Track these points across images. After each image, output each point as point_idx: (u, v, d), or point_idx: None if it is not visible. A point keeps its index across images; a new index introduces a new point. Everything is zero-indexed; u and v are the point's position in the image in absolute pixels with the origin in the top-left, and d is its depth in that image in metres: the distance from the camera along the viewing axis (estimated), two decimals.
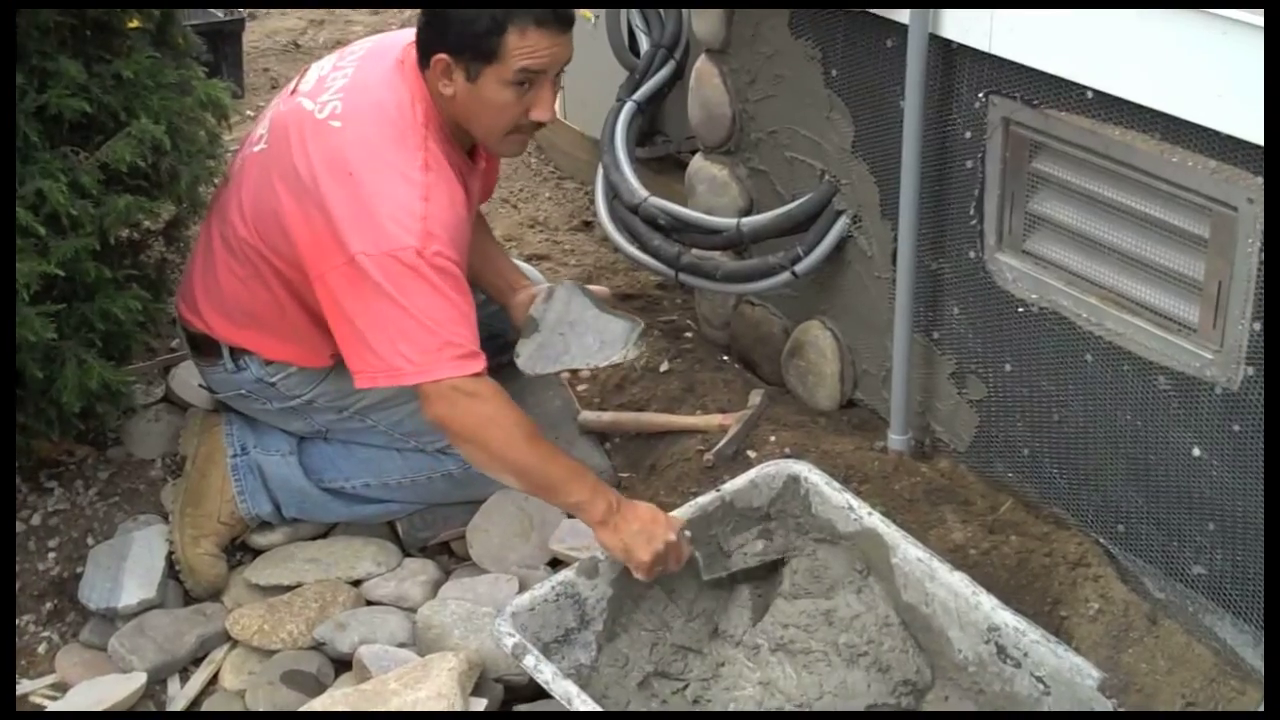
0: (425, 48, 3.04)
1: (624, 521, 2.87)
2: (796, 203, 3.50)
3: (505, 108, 3.04)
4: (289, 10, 6.95)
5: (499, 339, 3.73)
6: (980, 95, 2.96)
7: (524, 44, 2.96)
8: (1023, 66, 2.82)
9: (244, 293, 3.22)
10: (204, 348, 3.35)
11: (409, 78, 3.09)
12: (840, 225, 3.42)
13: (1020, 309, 3.03)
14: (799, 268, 3.46)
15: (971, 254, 3.11)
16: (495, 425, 2.93)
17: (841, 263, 3.48)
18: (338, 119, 3.06)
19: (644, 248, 3.69)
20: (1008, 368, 3.11)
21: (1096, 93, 2.71)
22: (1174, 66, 2.52)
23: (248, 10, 5.54)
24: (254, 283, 3.19)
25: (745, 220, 3.58)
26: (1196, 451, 2.73)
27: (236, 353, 3.29)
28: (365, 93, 3.11)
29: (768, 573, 3.02)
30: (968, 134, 3.02)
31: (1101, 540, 3.00)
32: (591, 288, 3.42)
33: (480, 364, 2.93)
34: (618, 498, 2.94)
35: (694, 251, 3.66)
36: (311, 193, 2.99)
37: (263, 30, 6.51)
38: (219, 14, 4.84)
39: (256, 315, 3.22)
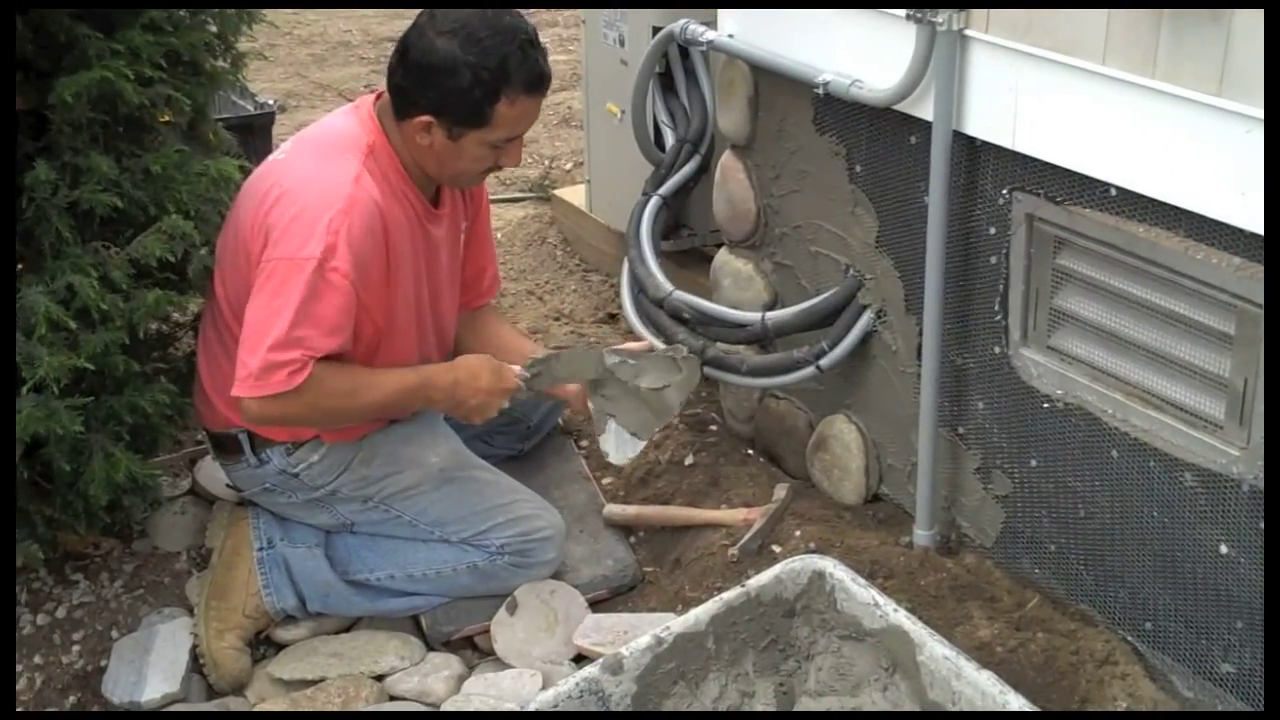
0: (405, 103, 3.14)
1: (464, 398, 3.25)
2: (821, 297, 3.52)
3: (480, 160, 3.21)
4: (319, 104, 7.03)
5: (521, 424, 3.76)
6: (1004, 191, 2.98)
7: (513, 111, 3.11)
8: (1046, 163, 2.84)
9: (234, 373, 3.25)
10: (226, 446, 3.36)
11: (363, 117, 3.22)
12: (865, 320, 3.43)
13: (1045, 404, 3.03)
14: (824, 362, 3.47)
15: (996, 349, 3.11)
16: (313, 410, 3.10)
17: (866, 357, 3.48)
18: (285, 154, 3.24)
19: (669, 341, 3.70)
20: (1033, 463, 3.11)
21: (1120, 190, 2.72)
22: (1197, 164, 2.53)
23: (278, 103, 5.60)
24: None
25: (770, 314, 3.60)
26: (1224, 549, 2.72)
27: (258, 446, 3.30)
28: (314, 129, 3.30)
29: (788, 665, 3.00)
30: (992, 230, 3.04)
31: (1129, 638, 2.98)
32: (624, 346, 3.49)
33: (305, 373, 3.00)
34: (450, 381, 3.25)
35: (719, 345, 3.68)
36: (254, 217, 3.11)
37: (292, 123, 6.58)
38: (249, 108, 4.89)
39: None
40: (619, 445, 3.45)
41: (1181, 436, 2.75)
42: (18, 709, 3.15)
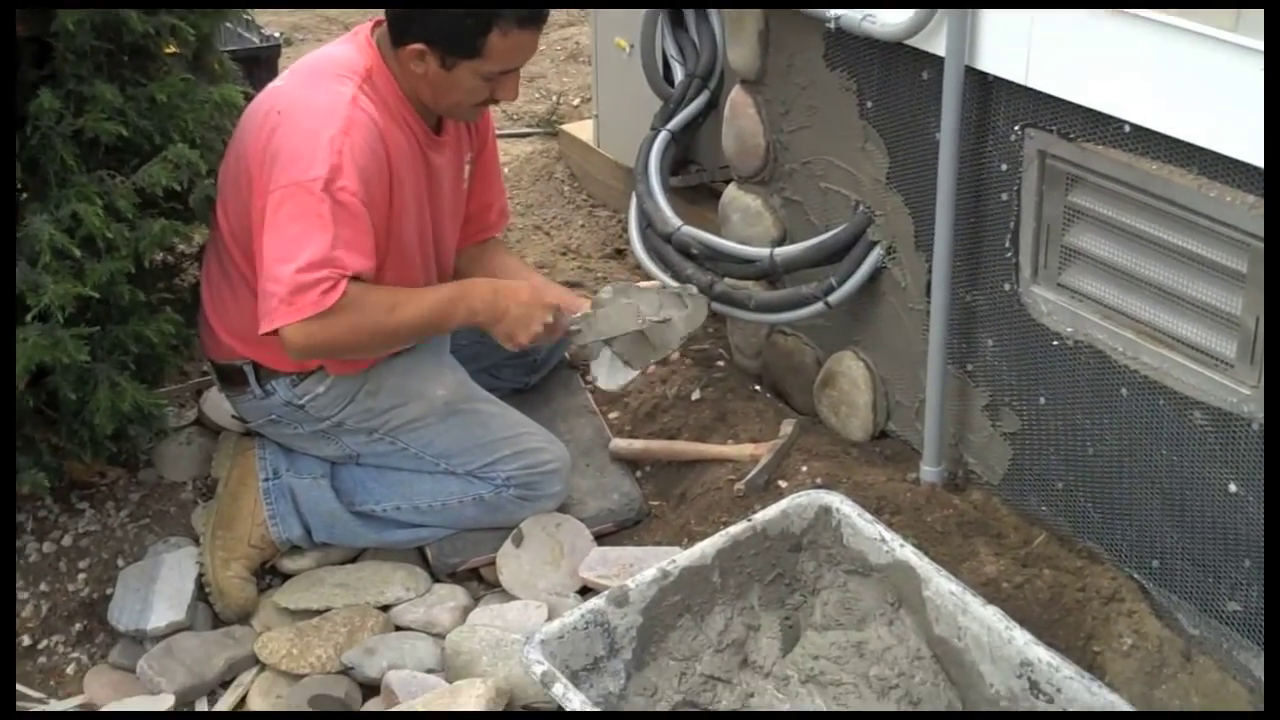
0: (400, 32, 3.12)
1: (503, 313, 3.18)
2: (830, 233, 3.50)
3: (474, 92, 3.18)
4: (325, 36, 6.98)
5: (528, 357, 3.75)
6: (1016, 128, 2.96)
7: (505, 44, 3.08)
8: (1059, 100, 2.82)
9: (238, 306, 3.25)
10: (231, 378, 3.36)
11: (360, 44, 3.20)
12: (874, 256, 3.41)
13: (1055, 342, 3.02)
14: (832, 298, 3.45)
15: (1006, 286, 3.10)
16: (357, 332, 3.03)
17: (875, 294, 3.47)
18: (283, 80, 3.23)
19: (677, 276, 3.69)
20: (1042, 401, 3.10)
21: (1134, 127, 2.70)
22: (1212, 101, 2.51)
23: (283, 36, 5.56)
24: (242, 290, 3.23)
25: (779, 250, 3.58)
26: (1233, 487, 2.71)
27: (263, 378, 3.29)
28: (311, 56, 3.28)
29: (793, 599, 3.00)
30: (1003, 166, 3.02)
31: (1136, 575, 2.98)
32: (640, 284, 3.49)
33: (339, 291, 2.94)
34: (490, 290, 3.19)
35: (727, 281, 3.66)
36: (254, 143, 3.09)
37: (297, 54, 6.54)
38: (255, 40, 4.85)
39: (256, 325, 3.23)
40: (611, 371, 3.42)
41: (1192, 375, 2.74)
42: (23, 635, 3.17)
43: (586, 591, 3.22)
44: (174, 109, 3.17)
